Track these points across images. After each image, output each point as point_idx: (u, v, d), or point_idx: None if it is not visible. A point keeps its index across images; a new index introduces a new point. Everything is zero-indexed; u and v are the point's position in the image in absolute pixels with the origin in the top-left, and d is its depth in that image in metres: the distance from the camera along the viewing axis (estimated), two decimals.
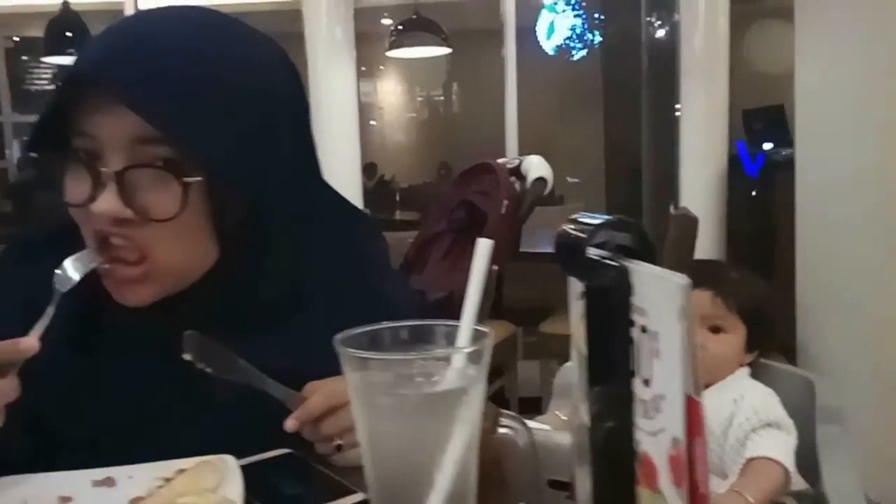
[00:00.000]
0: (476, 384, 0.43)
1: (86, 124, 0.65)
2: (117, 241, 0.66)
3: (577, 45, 7.01)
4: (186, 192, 0.64)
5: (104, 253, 0.67)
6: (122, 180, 0.64)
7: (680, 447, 0.37)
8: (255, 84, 0.69)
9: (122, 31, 0.70)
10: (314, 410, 0.68)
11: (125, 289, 0.69)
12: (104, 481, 0.68)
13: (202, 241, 0.69)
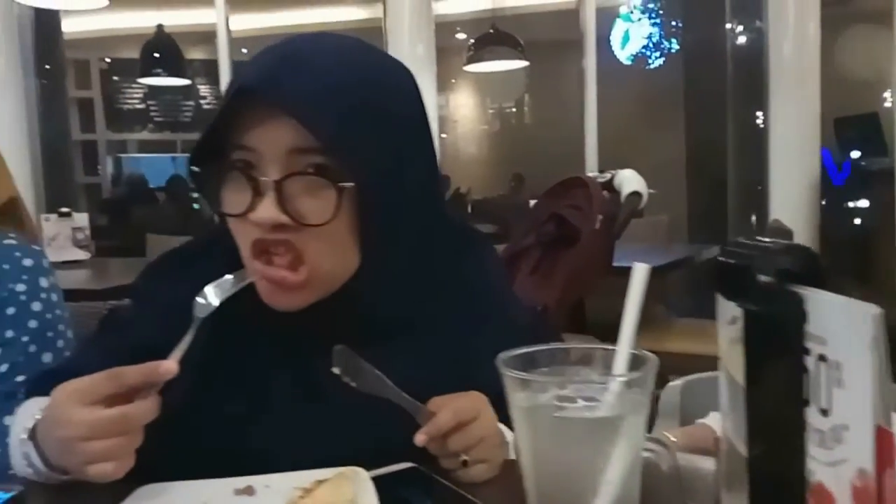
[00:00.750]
0: (638, 410, 0.43)
1: (245, 137, 0.69)
2: (275, 247, 0.70)
3: (653, 53, 6.91)
4: (341, 197, 0.68)
5: (261, 259, 0.70)
6: (280, 188, 0.68)
7: (867, 478, 0.36)
8: (398, 100, 0.74)
9: (283, 50, 0.74)
10: (443, 426, 0.69)
11: (280, 293, 0.72)
12: (244, 490, 0.71)
13: (348, 249, 0.72)
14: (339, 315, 0.75)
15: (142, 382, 0.66)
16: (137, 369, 0.66)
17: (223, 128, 0.70)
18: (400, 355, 0.74)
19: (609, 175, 1.83)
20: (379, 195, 0.71)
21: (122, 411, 0.64)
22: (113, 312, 0.90)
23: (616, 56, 6.85)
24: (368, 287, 0.75)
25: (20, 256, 1.02)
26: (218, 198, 0.73)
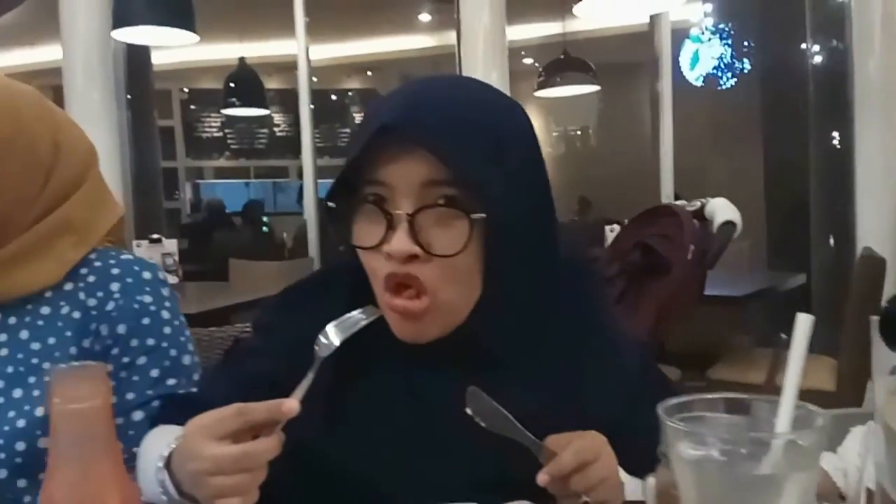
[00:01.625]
0: (806, 468, 0.42)
1: (379, 173, 0.72)
2: (406, 279, 0.72)
3: (725, 73, 6.77)
4: (472, 228, 0.70)
5: (391, 292, 0.73)
6: (413, 221, 0.70)
7: None
8: (520, 137, 0.77)
9: (417, 89, 0.78)
10: (566, 466, 0.69)
11: (409, 324, 0.74)
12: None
13: (472, 280, 0.75)
14: (457, 346, 0.76)
15: (266, 419, 0.68)
16: (262, 407, 0.67)
17: (353, 163, 0.73)
18: (515, 388, 0.75)
19: (699, 203, 1.80)
20: (506, 226, 0.73)
21: (246, 449, 0.66)
22: (237, 343, 0.93)
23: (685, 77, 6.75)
24: (488, 319, 0.76)
25: (139, 270, 1.06)
26: (349, 231, 0.75)
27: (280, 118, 8.35)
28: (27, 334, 1.00)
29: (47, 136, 1.03)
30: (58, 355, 0.98)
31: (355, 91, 8.77)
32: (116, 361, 1.02)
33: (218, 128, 8.50)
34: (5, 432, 0.94)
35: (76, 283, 1.04)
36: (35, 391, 0.97)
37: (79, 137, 1.10)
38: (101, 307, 1.02)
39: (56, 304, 1.02)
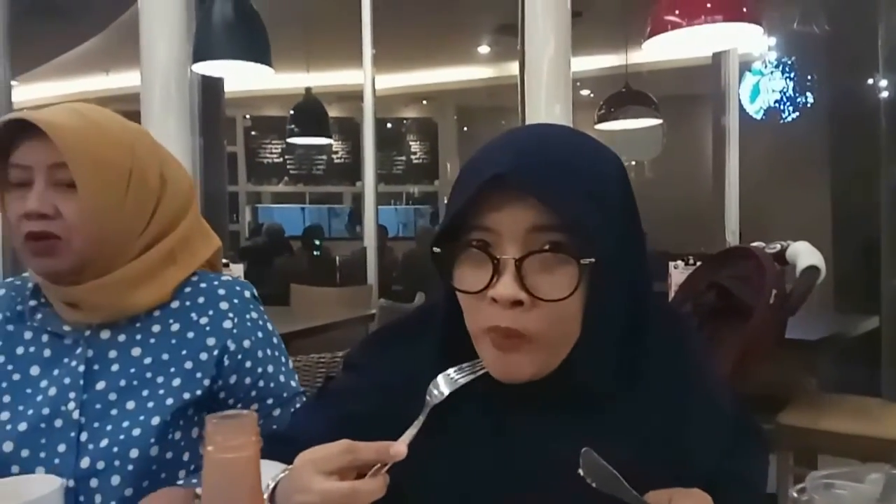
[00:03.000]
0: None
1: (486, 219, 0.73)
2: (509, 333, 0.72)
3: (787, 107, 6.65)
4: (581, 273, 0.71)
5: (491, 341, 0.74)
6: (520, 266, 0.71)
7: None
8: (619, 183, 0.78)
9: (522, 137, 0.80)
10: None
11: (507, 359, 0.74)
12: None
13: (574, 323, 0.75)
14: (550, 387, 0.76)
15: (373, 460, 0.69)
16: (371, 447, 0.69)
17: (461, 211, 0.74)
18: (608, 434, 0.74)
19: (779, 246, 1.76)
20: (612, 270, 0.73)
21: (355, 487, 0.67)
22: (329, 381, 0.95)
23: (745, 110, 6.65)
24: (585, 360, 0.76)
25: (240, 290, 1.14)
26: (451, 276, 0.77)
27: (339, 145, 8.53)
28: (139, 351, 1.06)
29: (156, 170, 1.10)
30: (173, 370, 1.05)
31: (411, 120, 8.90)
32: (242, 371, 1.10)
33: (278, 154, 8.72)
34: (120, 441, 1.00)
35: (183, 303, 1.11)
36: (149, 403, 1.03)
37: (181, 172, 1.16)
38: (215, 325, 1.09)
39: (166, 322, 1.09)
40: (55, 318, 1.09)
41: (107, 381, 1.04)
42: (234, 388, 1.10)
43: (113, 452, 0.99)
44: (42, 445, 1.00)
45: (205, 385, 1.06)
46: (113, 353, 1.06)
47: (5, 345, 1.09)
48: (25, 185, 1.02)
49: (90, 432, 1.01)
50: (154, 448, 1.01)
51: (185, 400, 1.04)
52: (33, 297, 1.11)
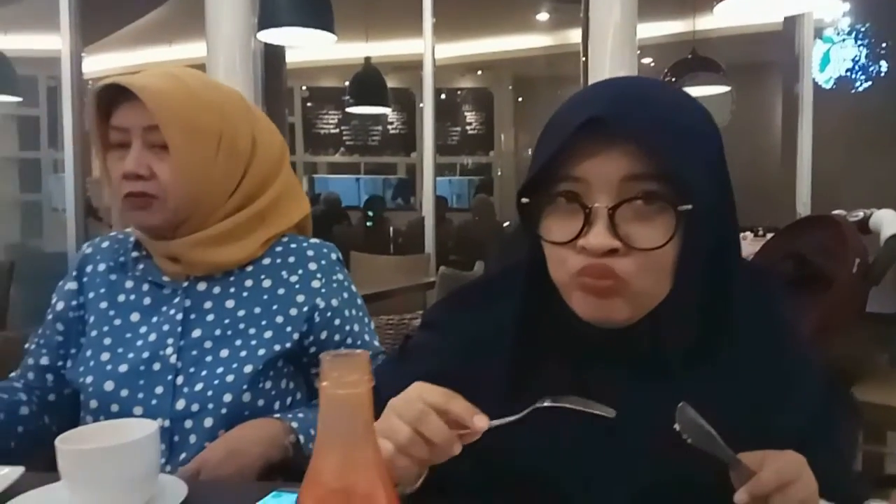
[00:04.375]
0: None
1: (577, 169, 0.72)
2: (603, 270, 0.71)
3: (859, 76, 6.36)
4: (678, 222, 0.70)
5: (583, 284, 0.72)
6: (612, 215, 0.70)
7: None
8: (714, 133, 0.77)
9: (617, 85, 0.78)
10: (767, 486, 0.67)
11: (600, 302, 0.73)
12: None
13: (666, 276, 0.73)
14: (634, 345, 0.75)
15: (459, 416, 0.68)
16: (463, 405, 0.68)
17: (552, 159, 0.73)
18: (692, 395, 0.73)
19: (861, 214, 1.69)
20: (706, 220, 0.71)
21: (440, 428, 0.66)
22: (408, 340, 0.96)
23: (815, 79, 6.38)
24: (673, 315, 0.75)
25: (327, 252, 1.19)
26: (538, 227, 0.76)
27: (394, 116, 8.54)
28: (232, 303, 1.12)
29: (247, 134, 1.14)
30: (264, 323, 1.11)
31: (466, 90, 8.83)
32: (331, 328, 1.14)
33: (335, 125, 8.79)
34: (214, 385, 1.05)
35: (274, 261, 1.16)
36: (242, 352, 1.09)
37: (273, 135, 1.20)
38: (304, 283, 1.14)
39: (257, 278, 1.14)
40: (155, 270, 1.15)
41: (202, 329, 1.10)
42: (323, 344, 1.14)
43: (207, 396, 1.04)
44: (141, 387, 1.06)
45: (294, 339, 1.11)
46: (208, 303, 1.12)
47: (108, 292, 1.15)
48: (124, 146, 1.07)
49: (186, 377, 1.06)
50: (246, 394, 1.06)
51: (275, 351, 1.09)
52: (135, 249, 1.18)
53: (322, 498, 0.44)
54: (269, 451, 1.02)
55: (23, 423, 1.11)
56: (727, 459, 0.69)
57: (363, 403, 0.45)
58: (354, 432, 0.45)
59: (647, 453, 0.75)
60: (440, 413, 0.67)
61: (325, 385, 0.45)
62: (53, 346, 1.17)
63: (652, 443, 0.74)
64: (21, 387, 1.16)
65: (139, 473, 0.79)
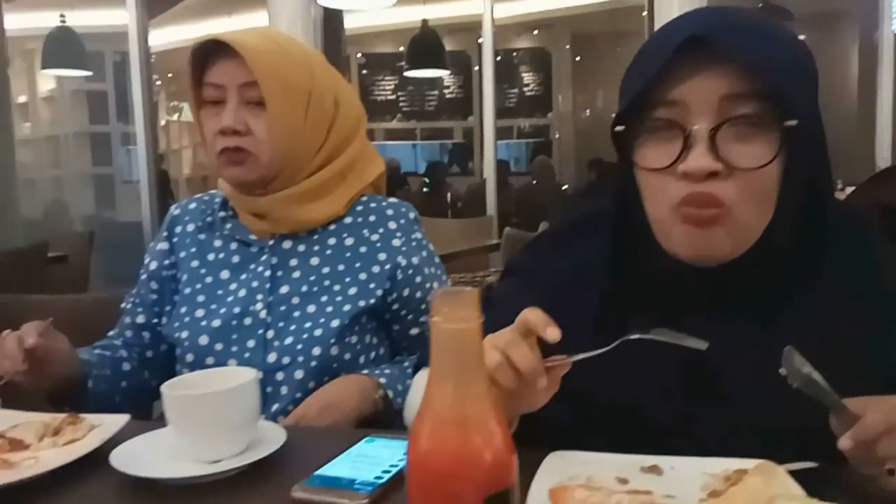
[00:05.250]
0: None
1: (672, 92, 0.71)
2: (706, 198, 0.70)
3: None
4: (783, 139, 0.69)
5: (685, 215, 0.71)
6: (714, 136, 0.69)
7: None
8: (810, 58, 0.76)
9: (712, 8, 0.77)
10: (872, 431, 0.66)
11: (706, 243, 0.72)
12: (651, 468, 0.73)
13: (769, 202, 0.73)
14: (731, 284, 0.74)
15: (534, 324, 0.67)
16: (541, 314, 0.68)
17: (649, 83, 0.72)
18: (787, 333, 0.72)
19: None
20: (809, 141, 0.71)
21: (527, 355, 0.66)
22: (490, 291, 0.97)
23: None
24: (770, 253, 0.74)
25: (405, 211, 1.22)
26: (633, 156, 0.75)
27: (450, 80, 8.48)
28: (317, 261, 1.16)
29: (331, 93, 1.17)
30: (348, 280, 1.15)
31: (523, 50, 8.68)
32: (413, 285, 1.17)
33: (391, 91, 8.79)
34: (303, 339, 1.09)
35: (355, 219, 1.20)
36: (328, 308, 1.13)
37: (352, 96, 1.23)
38: (385, 242, 1.17)
39: (340, 237, 1.18)
40: (242, 228, 1.20)
41: (290, 286, 1.14)
42: (406, 301, 1.17)
43: (297, 350, 1.09)
44: (233, 340, 1.11)
45: (378, 295, 1.14)
46: (294, 261, 1.16)
47: (198, 251, 1.21)
48: (218, 103, 1.11)
49: (276, 331, 1.11)
50: (334, 348, 1.09)
51: (360, 307, 1.12)
52: (222, 208, 1.23)
53: (437, 429, 0.46)
54: (362, 405, 1.06)
55: (125, 379, 1.18)
56: (831, 404, 0.68)
57: (474, 338, 0.47)
58: (466, 366, 0.47)
59: (740, 393, 0.75)
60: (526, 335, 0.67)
61: (437, 320, 0.46)
62: (148, 304, 1.23)
63: (744, 382, 0.74)
64: (121, 344, 1.23)
65: (241, 418, 0.83)
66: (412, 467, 0.47)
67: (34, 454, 0.86)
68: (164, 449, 0.83)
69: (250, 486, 0.79)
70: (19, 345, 0.97)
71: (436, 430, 0.46)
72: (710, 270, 0.75)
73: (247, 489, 0.78)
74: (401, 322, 1.20)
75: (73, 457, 0.83)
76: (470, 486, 0.45)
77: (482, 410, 0.47)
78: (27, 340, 0.97)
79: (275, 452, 0.82)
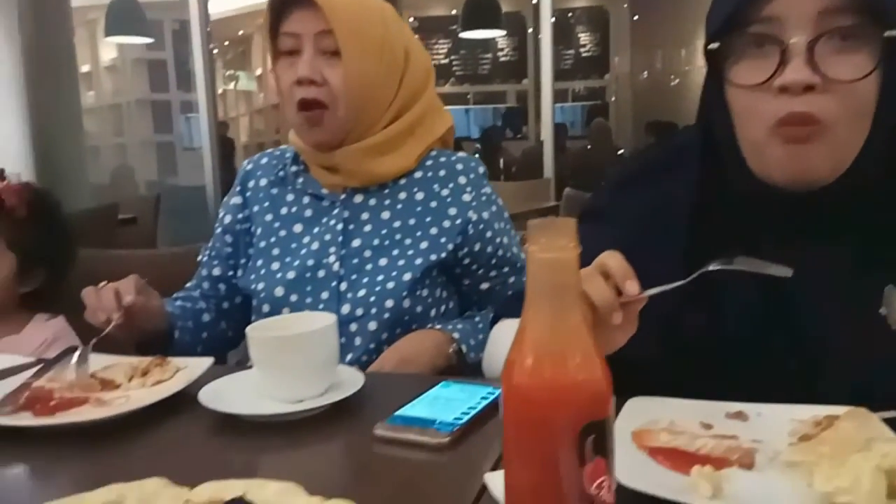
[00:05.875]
0: None
1: (767, 8, 0.70)
2: (804, 118, 0.69)
3: None
4: (883, 52, 0.67)
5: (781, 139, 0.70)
6: (811, 49, 0.68)
7: None
8: None
9: None
10: None
11: (808, 160, 0.71)
12: (736, 415, 0.72)
13: (866, 119, 0.71)
14: (824, 210, 0.72)
15: (616, 273, 0.67)
16: (623, 263, 0.67)
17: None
18: (885, 271, 0.69)
19: None
20: None
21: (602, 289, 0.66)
22: None
23: None
24: (864, 176, 0.71)
25: (475, 166, 1.22)
26: (727, 75, 0.74)
27: (504, 42, 8.35)
28: (388, 215, 1.17)
29: (401, 44, 1.17)
30: (419, 234, 1.15)
31: (579, 10, 8.48)
32: (484, 240, 1.17)
33: (444, 54, 8.71)
34: (376, 292, 1.11)
35: (425, 174, 1.19)
36: (400, 261, 1.14)
37: (421, 48, 1.23)
38: (456, 197, 1.17)
39: (410, 191, 1.18)
40: (315, 182, 1.22)
41: (361, 239, 1.16)
42: (476, 256, 1.17)
43: (370, 302, 1.10)
44: (308, 292, 1.13)
45: (449, 249, 1.15)
46: (365, 215, 1.18)
47: (271, 205, 1.23)
48: (294, 53, 1.12)
49: (349, 283, 1.13)
50: (406, 301, 1.11)
51: (431, 261, 1.13)
52: (294, 163, 1.24)
53: (535, 359, 0.46)
54: (436, 359, 1.08)
55: (206, 330, 1.22)
56: None
57: (571, 267, 0.46)
58: (563, 295, 0.46)
59: (822, 323, 0.73)
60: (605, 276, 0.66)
61: (533, 249, 0.46)
62: (224, 257, 1.26)
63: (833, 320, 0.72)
64: (199, 296, 1.27)
65: (322, 360, 0.85)
66: (509, 398, 0.47)
67: (125, 393, 0.90)
68: (249, 389, 0.86)
69: (332, 426, 0.81)
70: (117, 299, 1.01)
71: (534, 359, 0.46)
72: (802, 198, 0.73)
73: (329, 428, 0.80)
74: (471, 277, 1.20)
75: (162, 395, 0.86)
76: (568, 415, 0.45)
77: (580, 339, 0.46)
78: (125, 297, 1.01)
79: (354, 395, 0.84)
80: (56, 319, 1.38)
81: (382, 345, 1.11)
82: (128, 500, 0.55)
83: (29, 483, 0.75)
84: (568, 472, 0.45)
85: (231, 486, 0.56)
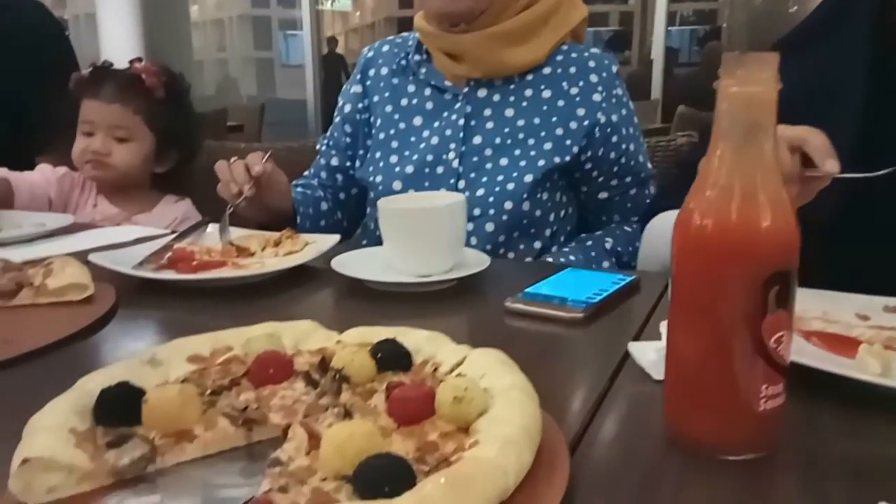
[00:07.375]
0: None
1: None
2: None
3: None
4: None
5: None
6: None
7: None
8: None
9: None
10: None
11: None
12: (893, 309, 0.68)
13: None
14: None
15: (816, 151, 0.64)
16: (826, 142, 0.64)
17: None
18: None
19: None
20: None
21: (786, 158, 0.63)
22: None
23: None
24: None
25: (608, 64, 1.15)
26: None
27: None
28: (512, 112, 1.13)
29: None
30: (543, 134, 1.11)
31: None
32: (609, 145, 1.12)
33: None
34: (495, 192, 1.08)
35: (555, 70, 1.13)
36: (521, 161, 1.09)
37: None
38: (585, 97, 1.11)
39: (537, 88, 1.13)
40: (437, 74, 1.18)
41: (483, 136, 1.12)
42: (600, 161, 1.12)
43: (488, 202, 1.08)
44: (426, 188, 1.12)
45: (573, 152, 1.10)
46: (488, 111, 1.13)
47: (392, 96, 1.21)
48: None
49: (467, 181, 1.10)
50: (525, 203, 1.07)
51: (554, 163, 1.09)
52: (416, 52, 1.20)
53: (723, 201, 0.43)
54: None
55: (324, 218, 1.24)
56: None
57: (769, 105, 0.43)
58: (758, 137, 0.43)
59: None
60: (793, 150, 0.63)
61: (727, 83, 0.43)
62: (342, 147, 1.26)
63: None
64: (317, 185, 1.28)
65: (450, 236, 0.84)
66: (685, 247, 0.45)
67: (260, 259, 0.93)
68: (377, 263, 0.87)
69: (461, 299, 0.81)
70: (247, 171, 1.03)
71: (721, 202, 0.43)
72: None
73: (458, 302, 0.80)
74: (590, 184, 1.15)
75: (296, 262, 0.88)
76: (755, 261, 0.42)
77: (774, 184, 0.43)
78: (254, 168, 1.04)
79: (478, 277, 0.83)
80: (184, 201, 1.44)
81: (499, 248, 1.08)
82: (284, 337, 0.56)
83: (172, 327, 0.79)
84: (747, 325, 0.43)
85: (379, 331, 0.56)
